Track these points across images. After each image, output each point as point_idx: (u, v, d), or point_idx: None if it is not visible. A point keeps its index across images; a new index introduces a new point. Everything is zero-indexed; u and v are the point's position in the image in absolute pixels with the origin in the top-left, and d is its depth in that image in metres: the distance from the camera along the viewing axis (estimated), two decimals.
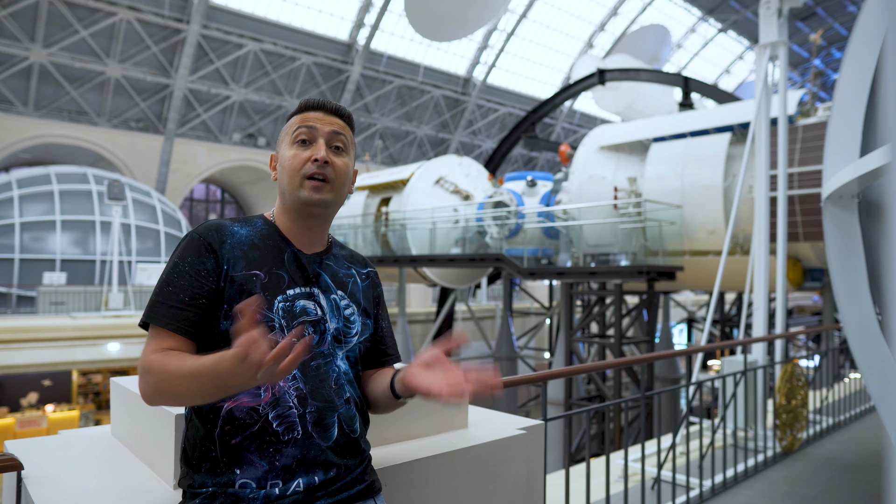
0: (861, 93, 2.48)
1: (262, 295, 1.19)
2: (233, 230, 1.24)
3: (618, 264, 10.14)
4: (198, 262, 1.18)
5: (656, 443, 3.73)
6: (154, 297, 1.17)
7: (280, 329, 1.19)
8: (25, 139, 19.01)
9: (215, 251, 1.19)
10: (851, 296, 2.56)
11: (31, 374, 14.18)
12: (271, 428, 1.14)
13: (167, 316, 1.14)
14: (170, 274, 1.18)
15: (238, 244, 1.22)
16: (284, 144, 1.30)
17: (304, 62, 22.52)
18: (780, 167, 5.78)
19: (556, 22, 27.34)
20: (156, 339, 1.14)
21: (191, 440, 1.18)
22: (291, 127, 1.30)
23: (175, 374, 1.05)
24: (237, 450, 1.13)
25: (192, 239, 1.20)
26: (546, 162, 31.72)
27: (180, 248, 1.20)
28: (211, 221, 1.25)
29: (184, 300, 1.15)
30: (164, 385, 1.07)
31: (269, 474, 1.12)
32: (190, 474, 1.16)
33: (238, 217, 1.31)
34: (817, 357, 8.98)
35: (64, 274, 15.84)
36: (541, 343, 19.92)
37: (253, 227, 1.27)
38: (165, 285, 1.17)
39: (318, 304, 1.25)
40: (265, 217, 1.32)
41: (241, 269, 1.19)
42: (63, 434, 1.76)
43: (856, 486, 4.24)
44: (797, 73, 34.08)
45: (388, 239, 14.74)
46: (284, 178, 1.28)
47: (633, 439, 10.68)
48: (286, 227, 1.29)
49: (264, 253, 1.24)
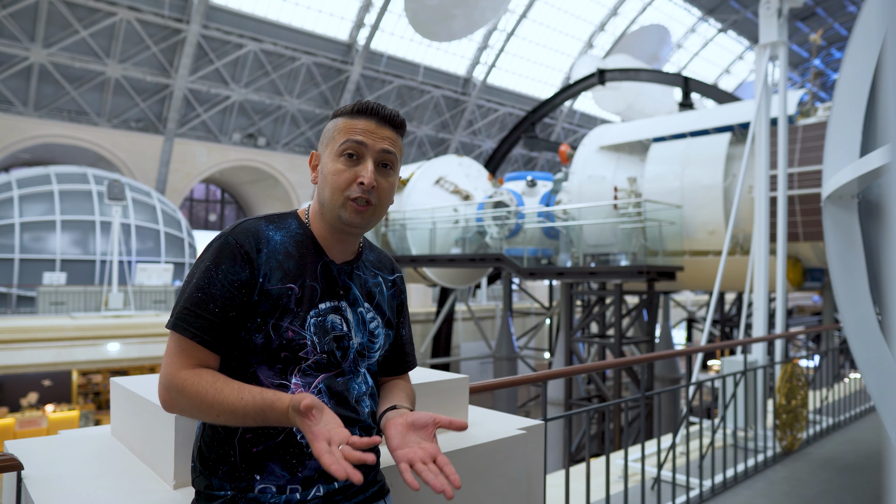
0: (861, 93, 2.48)
1: (295, 310, 1.15)
2: (268, 236, 1.17)
3: (618, 264, 10.15)
4: (232, 271, 1.11)
5: (656, 443, 3.73)
6: (183, 304, 1.11)
7: (312, 346, 1.15)
8: (25, 139, 19.01)
9: (251, 261, 1.13)
10: (851, 296, 2.56)
11: (31, 374, 14.18)
12: (295, 440, 1.12)
13: (196, 327, 1.09)
14: (200, 279, 1.11)
15: (273, 253, 1.16)
16: (329, 152, 1.20)
17: (304, 62, 22.52)
18: (780, 167, 5.78)
19: (556, 22, 27.33)
20: (183, 350, 1.10)
21: (207, 441, 1.15)
22: (339, 133, 1.20)
23: (213, 405, 1.05)
24: (259, 457, 1.11)
25: (228, 244, 1.13)
26: (546, 162, 31.72)
27: (213, 252, 1.13)
28: (247, 224, 1.17)
29: (214, 311, 1.10)
30: (196, 412, 1.07)
31: (291, 483, 1.11)
32: (205, 475, 1.14)
33: (271, 217, 1.23)
34: (817, 357, 8.98)
35: (64, 274, 15.84)
36: (541, 343, 19.92)
37: (287, 230, 1.21)
38: (195, 291, 1.11)
39: (344, 318, 1.21)
40: (299, 218, 1.25)
41: (277, 282, 1.14)
42: (63, 434, 1.76)
43: (856, 486, 4.24)
44: (797, 73, 34.08)
45: (388, 239, 14.74)
46: (326, 192, 1.19)
47: (633, 439, 10.68)
48: (321, 235, 1.23)
49: (299, 263, 1.18)
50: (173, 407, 1.09)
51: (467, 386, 1.89)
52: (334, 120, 1.23)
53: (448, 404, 1.82)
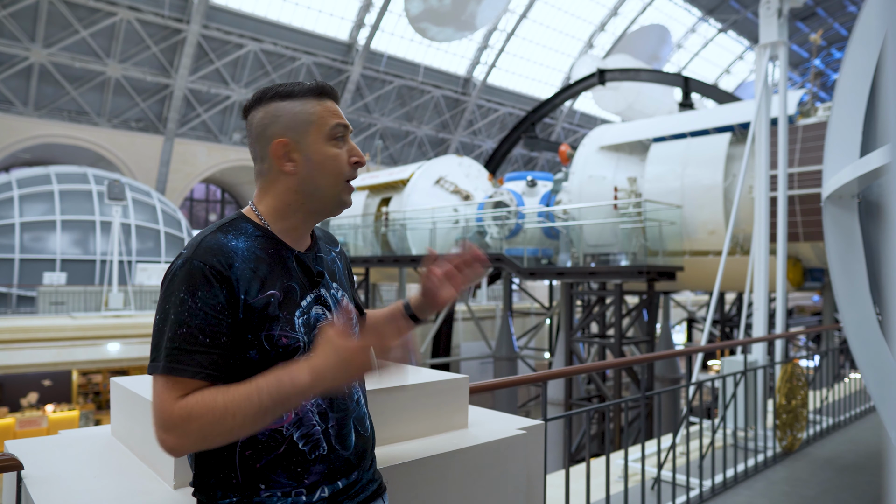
0: (861, 93, 2.48)
1: (281, 315, 1.09)
2: (233, 247, 1.08)
3: (618, 264, 10.15)
4: (209, 296, 1.03)
5: (656, 443, 3.73)
6: (168, 344, 1.01)
7: (304, 347, 1.10)
8: (25, 139, 19.01)
9: (226, 279, 1.05)
10: (851, 296, 2.56)
11: (31, 374, 14.18)
12: (297, 448, 1.08)
13: (194, 364, 1.00)
14: (179, 314, 1.01)
15: (244, 263, 1.08)
16: (315, 137, 1.14)
17: (304, 62, 22.52)
18: (780, 167, 5.78)
19: (556, 22, 27.34)
20: (179, 386, 0.99)
21: (203, 465, 1.10)
22: (323, 118, 1.15)
23: (227, 410, 0.96)
24: (262, 472, 1.07)
25: (195, 269, 1.03)
26: (546, 162, 31.72)
27: (182, 282, 1.03)
28: (206, 242, 1.07)
29: (205, 342, 1.01)
30: (213, 426, 0.96)
31: (297, 489, 1.09)
32: (208, 490, 1.10)
33: (223, 226, 1.13)
34: (817, 357, 8.98)
35: (64, 274, 15.84)
36: (541, 343, 19.91)
37: (246, 235, 1.12)
38: (178, 327, 1.01)
39: (325, 305, 1.18)
40: (249, 219, 1.16)
41: (256, 293, 1.07)
42: (63, 434, 1.76)
43: (856, 486, 4.24)
44: (797, 73, 34.08)
45: (388, 239, 14.75)
46: (322, 179, 1.14)
47: (633, 439, 10.68)
48: (283, 229, 1.16)
49: (272, 266, 1.12)
50: (181, 444, 0.97)
51: (467, 386, 1.89)
52: (300, 102, 1.14)
53: (448, 404, 1.82)
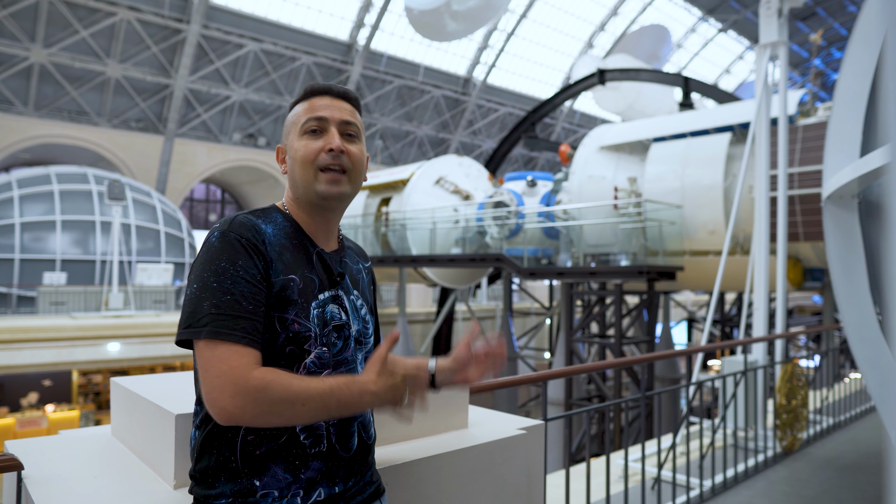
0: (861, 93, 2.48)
1: (299, 301, 1.12)
2: (262, 228, 1.14)
3: (618, 264, 10.14)
4: (250, 265, 1.07)
5: (656, 443, 3.73)
6: (213, 310, 1.02)
7: (315, 338, 1.13)
8: (25, 139, 19.00)
9: (261, 253, 1.09)
10: (851, 296, 2.56)
11: (31, 374, 14.19)
12: (299, 440, 1.09)
13: (237, 328, 1.02)
14: (222, 282, 1.04)
15: (272, 244, 1.13)
16: (293, 135, 1.22)
17: (304, 62, 22.51)
18: (780, 167, 5.78)
19: (556, 22, 27.33)
20: (236, 353, 1.01)
21: (206, 447, 1.10)
22: (299, 117, 1.22)
23: (300, 394, 1.00)
24: (261, 461, 1.07)
25: (233, 241, 1.08)
26: (546, 162, 31.71)
27: (223, 252, 1.06)
28: (239, 218, 1.12)
29: (249, 309, 1.04)
30: (283, 405, 1.00)
31: (293, 486, 1.08)
32: (204, 483, 1.10)
33: (256, 212, 1.18)
34: (817, 357, 8.98)
35: (64, 274, 15.83)
36: (541, 343, 19.92)
37: (275, 223, 1.17)
38: (222, 294, 1.03)
39: (342, 307, 1.20)
40: (280, 210, 1.22)
41: (280, 274, 1.11)
42: (63, 434, 1.76)
43: (856, 486, 4.24)
44: (797, 73, 34.07)
45: (388, 239, 14.75)
46: (297, 170, 1.19)
47: (633, 439, 10.68)
48: (304, 223, 1.21)
49: (295, 255, 1.16)
50: (247, 412, 0.99)
51: (467, 386, 1.89)
52: (293, 110, 1.25)
53: (448, 404, 1.82)
